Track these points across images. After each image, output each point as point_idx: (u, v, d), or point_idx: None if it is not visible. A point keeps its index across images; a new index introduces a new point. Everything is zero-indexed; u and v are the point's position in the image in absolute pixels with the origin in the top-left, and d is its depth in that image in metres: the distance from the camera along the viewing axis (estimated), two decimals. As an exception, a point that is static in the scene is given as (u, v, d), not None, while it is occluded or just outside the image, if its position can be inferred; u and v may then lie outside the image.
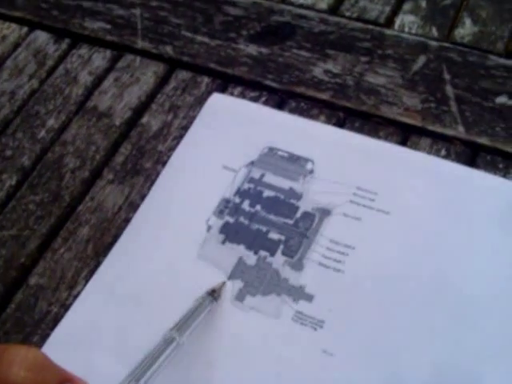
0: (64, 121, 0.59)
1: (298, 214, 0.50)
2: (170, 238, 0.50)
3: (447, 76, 0.57)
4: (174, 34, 0.63)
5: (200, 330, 0.45)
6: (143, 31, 0.64)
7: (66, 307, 0.49)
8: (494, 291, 0.45)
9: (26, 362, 0.32)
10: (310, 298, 0.46)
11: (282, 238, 0.49)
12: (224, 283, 0.47)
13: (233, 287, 0.47)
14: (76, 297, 0.49)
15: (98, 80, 0.61)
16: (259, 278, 0.47)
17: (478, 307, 0.45)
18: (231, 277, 0.48)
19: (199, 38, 0.62)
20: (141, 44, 0.63)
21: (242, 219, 0.50)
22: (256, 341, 0.45)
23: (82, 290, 0.49)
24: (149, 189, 0.53)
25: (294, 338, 0.45)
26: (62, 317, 0.48)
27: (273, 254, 0.48)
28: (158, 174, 0.54)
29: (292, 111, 0.56)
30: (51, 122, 0.59)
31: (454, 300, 0.45)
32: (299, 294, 0.47)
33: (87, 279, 0.50)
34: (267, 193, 0.51)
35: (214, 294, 0.46)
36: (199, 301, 0.45)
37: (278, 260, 0.48)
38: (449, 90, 0.56)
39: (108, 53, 0.63)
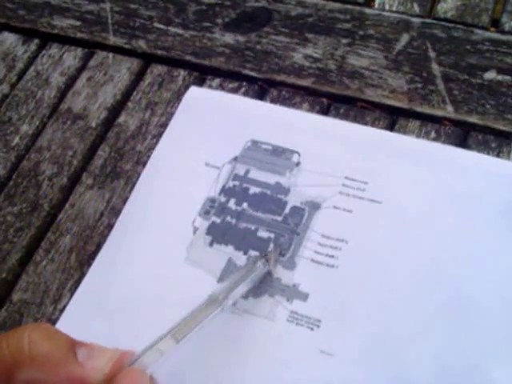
0: (38, 126, 0.57)
1: (287, 210, 0.48)
2: (155, 242, 0.49)
3: (432, 54, 0.56)
4: (147, 27, 0.61)
5: (193, 337, 0.44)
6: (114, 26, 0.61)
7: (52, 322, 0.47)
8: (496, 280, 0.44)
9: (39, 331, 0.33)
10: (304, 296, 0.45)
11: (272, 235, 0.47)
12: (276, 246, 0.46)
13: (223, 291, 0.46)
14: (62, 311, 0.47)
15: (71, 80, 0.59)
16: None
17: (479, 298, 0.43)
18: (221, 279, 0.46)
19: (173, 29, 0.60)
20: (112, 40, 0.61)
21: (228, 219, 0.49)
22: (252, 345, 0.44)
23: (67, 303, 0.47)
24: (130, 192, 0.51)
25: (291, 339, 0.44)
26: (48, 333, 0.46)
27: (263, 253, 0.47)
28: (138, 176, 0.52)
29: (273, 101, 0.55)
30: (25, 128, 0.57)
31: (454, 291, 0.44)
32: (293, 293, 0.45)
33: (72, 292, 0.48)
34: (253, 189, 0.50)
35: (266, 257, 0.45)
36: (250, 264, 0.45)
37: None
38: (435, 68, 0.55)
39: (79, 51, 0.61)
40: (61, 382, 0.32)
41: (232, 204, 0.49)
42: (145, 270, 0.48)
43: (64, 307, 0.47)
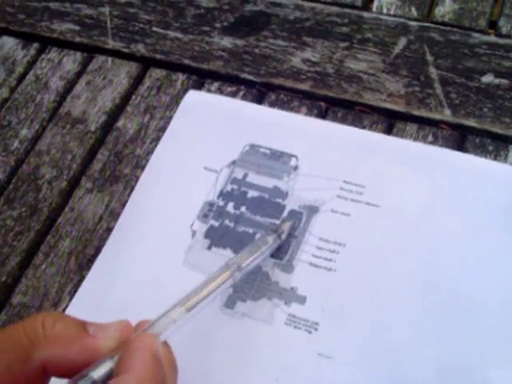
0: (37, 130, 0.57)
1: (285, 213, 0.48)
2: (153, 246, 0.49)
3: (430, 57, 0.56)
4: (145, 31, 0.61)
5: (192, 341, 0.44)
6: (113, 30, 0.62)
7: None
8: (493, 282, 0.44)
9: (51, 316, 0.34)
10: (302, 300, 0.45)
11: (270, 239, 0.47)
12: (292, 223, 0.47)
13: (221, 294, 0.46)
14: None
15: (70, 84, 0.59)
16: (249, 283, 0.46)
17: (477, 300, 0.43)
18: (219, 283, 0.46)
19: (171, 33, 0.61)
20: (112, 44, 0.61)
21: (227, 222, 0.49)
22: (250, 348, 0.44)
23: (67, 306, 0.48)
24: (129, 196, 0.52)
25: (289, 342, 0.44)
26: (48, 336, 0.46)
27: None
28: (137, 180, 0.52)
29: (272, 104, 0.55)
30: (24, 132, 0.57)
31: (452, 293, 0.44)
32: (291, 296, 0.45)
33: (72, 295, 0.48)
34: (251, 193, 0.50)
35: (278, 231, 0.46)
36: (263, 238, 0.45)
37: (267, 263, 0.47)
38: (432, 71, 0.55)
39: (78, 55, 0.61)
40: (75, 355, 0.34)
41: (230, 208, 0.49)
42: (143, 273, 0.48)
43: (63, 310, 0.47)
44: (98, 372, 0.33)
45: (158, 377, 0.33)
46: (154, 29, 0.61)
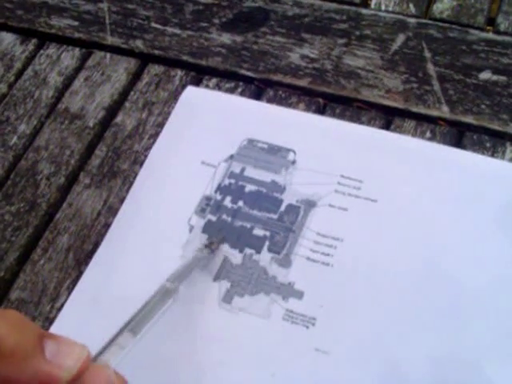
0: (36, 125, 0.57)
1: (283, 208, 0.48)
2: (151, 241, 0.49)
3: (428, 54, 0.56)
4: (144, 27, 0.61)
5: (189, 336, 0.44)
6: (112, 26, 0.62)
7: (50, 321, 0.47)
8: (489, 278, 0.44)
9: (6, 321, 0.31)
10: (299, 295, 0.45)
11: (267, 233, 0.48)
12: (222, 237, 0.47)
13: (219, 289, 0.46)
14: (59, 309, 0.47)
15: (68, 80, 0.59)
16: (246, 278, 0.46)
17: (473, 295, 0.43)
18: (217, 278, 0.46)
19: (170, 29, 0.60)
20: (110, 40, 0.61)
21: (224, 217, 0.49)
22: (247, 343, 0.44)
23: (65, 301, 0.47)
24: (127, 191, 0.51)
25: (286, 337, 0.44)
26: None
27: (259, 251, 0.47)
28: (135, 176, 0.52)
29: (270, 101, 0.55)
30: (22, 128, 0.57)
31: (449, 289, 0.44)
32: (288, 291, 0.45)
33: (70, 290, 0.48)
34: (249, 187, 0.50)
35: (211, 246, 0.46)
36: (196, 253, 0.45)
37: (265, 257, 0.47)
38: (430, 68, 0.55)
39: (77, 51, 0.61)
40: (27, 379, 0.30)
41: (228, 202, 0.49)
42: (141, 268, 0.48)
43: (61, 306, 0.47)
44: None
45: None
46: (153, 25, 0.61)
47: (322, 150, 0.50)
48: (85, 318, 0.46)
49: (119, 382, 0.33)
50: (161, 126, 0.54)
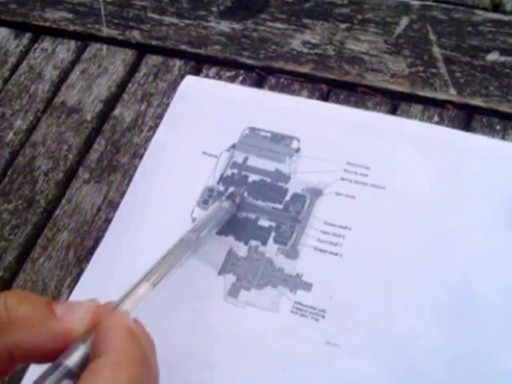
0: (32, 121, 0.56)
1: (288, 197, 0.47)
2: (153, 235, 0.47)
3: (433, 36, 0.54)
4: (141, 18, 0.60)
5: (194, 332, 0.43)
6: (107, 17, 0.60)
7: None
8: (502, 263, 0.43)
9: (13, 296, 0.32)
10: (308, 286, 0.44)
11: (273, 224, 0.46)
12: (244, 188, 0.47)
13: (225, 282, 0.45)
14: None
15: (64, 74, 0.58)
16: (252, 270, 0.45)
17: (488, 284, 0.42)
18: (222, 271, 0.45)
19: (167, 19, 0.59)
20: (106, 31, 0.60)
21: None
22: (255, 338, 0.43)
23: (66, 300, 0.46)
24: (127, 185, 0.50)
25: (295, 331, 0.42)
26: (47, 331, 0.45)
27: (264, 242, 0.46)
28: (135, 169, 0.51)
29: (272, 88, 0.54)
30: (19, 123, 0.56)
31: (464, 277, 0.43)
32: (296, 283, 0.44)
33: (71, 289, 0.47)
34: (252, 177, 0.48)
35: (233, 197, 0.46)
36: (217, 204, 0.45)
37: (271, 249, 0.45)
38: (436, 51, 0.54)
39: (72, 44, 0.60)
40: (43, 341, 0.31)
41: None
42: (144, 263, 0.45)
43: None
44: (73, 360, 0.30)
45: (138, 355, 0.31)
46: (150, 14, 0.60)
47: (327, 137, 0.49)
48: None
49: (138, 328, 0.32)
50: (160, 117, 0.53)
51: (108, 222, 0.49)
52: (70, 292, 0.47)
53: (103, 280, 0.47)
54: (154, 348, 0.33)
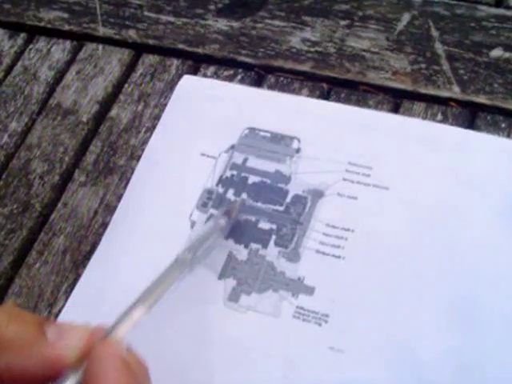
0: (27, 123, 0.55)
1: (288, 199, 0.46)
2: (151, 239, 0.47)
3: (435, 33, 0.54)
4: (137, 16, 0.59)
5: (194, 338, 0.42)
6: (103, 16, 0.59)
7: None
8: (510, 262, 0.42)
9: (4, 313, 0.31)
10: (310, 290, 0.43)
11: (274, 226, 0.45)
12: (242, 201, 0.46)
13: (225, 287, 0.44)
14: (57, 315, 0.45)
15: (60, 74, 0.57)
16: (253, 274, 0.44)
17: (495, 284, 0.41)
18: (222, 276, 0.44)
19: (164, 17, 0.58)
20: (102, 31, 0.59)
21: None
22: (257, 344, 0.42)
23: (63, 306, 0.46)
24: (125, 188, 0.50)
25: (298, 336, 0.42)
26: (43, 338, 0.44)
27: (265, 245, 0.45)
28: (133, 171, 0.50)
29: (271, 87, 0.53)
30: (14, 125, 0.55)
31: (471, 278, 0.42)
32: (298, 287, 0.43)
33: (68, 294, 0.46)
34: (252, 178, 0.47)
35: (229, 214, 0.44)
36: (213, 221, 0.44)
37: (272, 252, 0.45)
38: (438, 47, 0.53)
39: (68, 44, 0.58)
40: (33, 365, 0.30)
41: (231, 195, 0.47)
42: (143, 268, 0.45)
43: (59, 311, 0.46)
44: None
45: None
46: (146, 13, 0.59)
47: (328, 137, 0.48)
48: (84, 323, 0.44)
49: (131, 358, 0.32)
50: (158, 118, 0.52)
51: (105, 225, 0.48)
52: (67, 298, 0.46)
53: (100, 285, 0.46)
54: (148, 376, 0.32)
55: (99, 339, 0.32)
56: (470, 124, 0.49)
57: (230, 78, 0.54)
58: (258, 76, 0.54)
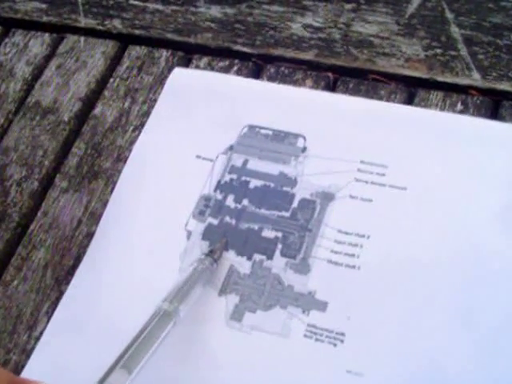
0: (3, 124, 0.53)
1: (295, 204, 0.44)
2: (143, 251, 0.45)
3: (450, 15, 0.51)
4: (122, 5, 0.57)
5: (195, 361, 0.40)
6: (85, 6, 0.58)
7: (27, 353, 0.43)
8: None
9: None
10: (323, 306, 0.41)
11: (279, 235, 0.43)
12: (225, 240, 0.43)
13: (226, 304, 0.42)
14: (38, 339, 0.44)
15: (38, 70, 0.56)
16: (258, 289, 0.42)
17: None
18: (222, 292, 0.42)
19: (151, 5, 0.57)
20: (84, 21, 0.57)
21: (227, 219, 0.45)
22: (264, 368, 0.40)
23: (44, 329, 0.44)
24: (111, 194, 0.48)
25: (311, 359, 0.39)
26: (23, 366, 0.43)
27: (270, 256, 0.43)
28: (119, 175, 0.49)
29: (271, 79, 0.51)
30: (-13, 127, 0.53)
31: (498, 289, 0.39)
32: (309, 302, 0.41)
33: (49, 315, 0.44)
34: (254, 182, 0.46)
35: (213, 255, 0.42)
36: (196, 265, 0.41)
37: (278, 263, 0.43)
38: (454, 30, 0.51)
39: (46, 37, 0.57)
40: None
41: (230, 201, 0.45)
42: (133, 284, 0.44)
43: (40, 335, 0.44)
44: None
45: None
46: (132, 1, 0.57)
47: (336, 133, 0.46)
48: (67, 348, 0.43)
49: None
50: (146, 115, 0.51)
51: (90, 236, 0.47)
52: (49, 319, 0.44)
53: (86, 304, 0.44)
54: None
55: None
56: (493, 114, 0.47)
57: (226, 70, 0.52)
58: (256, 66, 0.53)
